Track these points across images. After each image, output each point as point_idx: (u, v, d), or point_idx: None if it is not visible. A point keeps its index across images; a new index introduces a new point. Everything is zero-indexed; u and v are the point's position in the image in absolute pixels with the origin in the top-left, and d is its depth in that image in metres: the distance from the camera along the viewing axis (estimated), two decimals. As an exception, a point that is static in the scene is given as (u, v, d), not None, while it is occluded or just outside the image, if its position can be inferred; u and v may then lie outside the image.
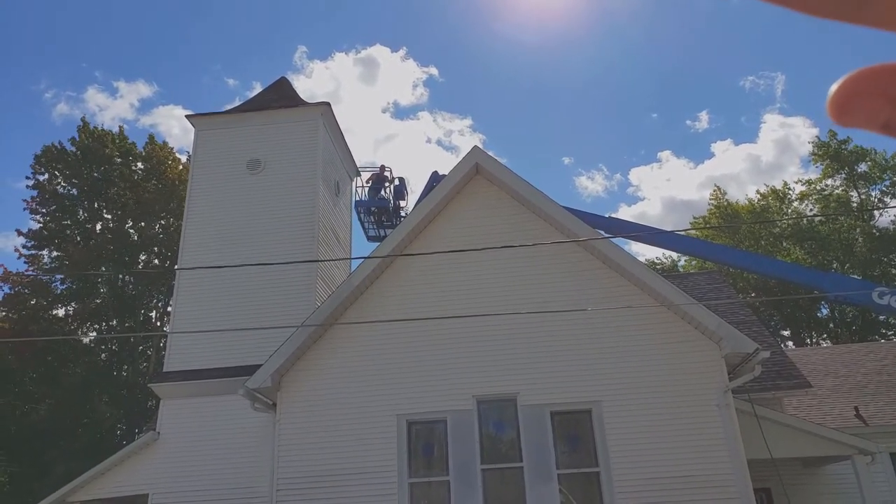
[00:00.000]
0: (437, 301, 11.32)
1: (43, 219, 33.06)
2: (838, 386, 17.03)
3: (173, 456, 13.26)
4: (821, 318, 38.31)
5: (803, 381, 13.82)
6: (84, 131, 34.39)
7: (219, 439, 13.14)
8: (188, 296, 14.78)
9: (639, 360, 10.72)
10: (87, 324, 33.30)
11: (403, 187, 18.46)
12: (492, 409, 10.90)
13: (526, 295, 11.25)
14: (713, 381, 10.48)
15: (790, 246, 36.83)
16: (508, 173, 11.94)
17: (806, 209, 39.19)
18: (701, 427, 10.25)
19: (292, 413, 11.11)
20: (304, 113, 16.62)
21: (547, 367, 10.83)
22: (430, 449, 10.91)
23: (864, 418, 15.06)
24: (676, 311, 10.85)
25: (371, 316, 11.41)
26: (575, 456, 10.65)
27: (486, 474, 10.45)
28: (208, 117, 16.81)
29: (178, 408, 13.67)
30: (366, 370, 11.19)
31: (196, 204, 15.76)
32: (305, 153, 16.00)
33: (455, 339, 11.11)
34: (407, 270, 11.76)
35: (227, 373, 13.26)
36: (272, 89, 18.19)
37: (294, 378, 11.29)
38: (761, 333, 15.54)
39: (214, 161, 16.14)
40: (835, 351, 20.32)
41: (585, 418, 10.63)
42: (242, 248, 14.73)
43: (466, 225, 11.93)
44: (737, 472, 9.91)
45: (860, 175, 37.44)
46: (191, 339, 14.04)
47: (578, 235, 11.26)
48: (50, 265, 32.77)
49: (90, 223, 34.08)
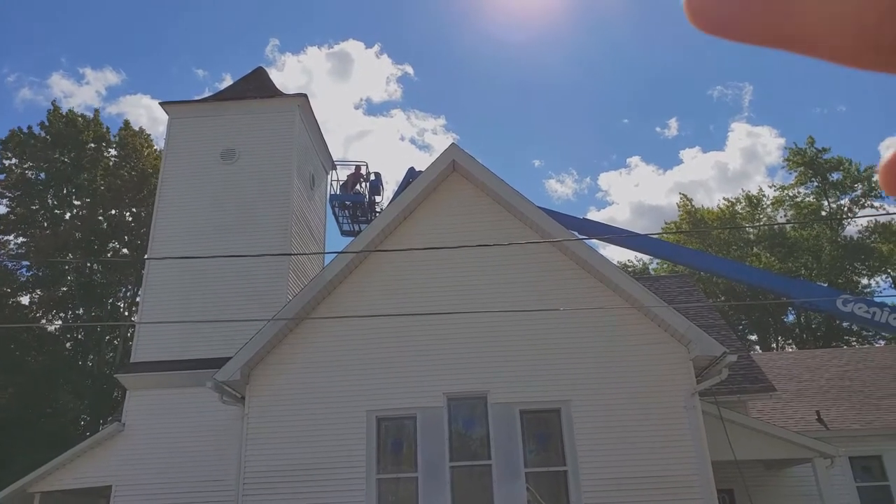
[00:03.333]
0: (410, 298, 11.31)
1: (10, 204, 32.33)
2: (802, 390, 17.36)
3: (138, 448, 13.08)
4: (788, 323, 39.03)
5: (768, 384, 14.06)
6: (55, 115, 33.66)
7: (186, 432, 12.98)
8: (157, 286, 14.57)
9: (608, 361, 10.82)
10: (53, 312, 32.65)
11: (379, 182, 18.38)
12: (462, 407, 10.92)
13: (498, 293, 11.28)
14: (681, 383, 10.62)
15: (760, 252, 37.43)
16: (485, 172, 11.96)
17: (778, 216, 39.82)
18: (668, 428, 10.38)
19: (261, 407, 11.01)
20: (281, 104, 16.47)
21: (517, 366, 10.87)
22: (399, 445, 10.90)
23: (825, 422, 15.38)
24: (647, 313, 10.97)
25: (343, 311, 11.35)
26: (543, 455, 10.72)
27: (454, 471, 10.47)
28: (183, 105, 16.58)
29: (144, 399, 13.48)
30: (336, 365, 11.14)
31: (168, 193, 15.53)
32: (281, 144, 15.85)
33: (427, 336, 11.10)
34: (381, 266, 11.72)
35: (195, 365, 13.09)
36: (249, 79, 17.99)
37: (263, 372, 11.19)
38: (729, 337, 15.78)
39: (187, 150, 15.92)
40: (799, 356, 20.72)
41: (554, 417, 10.70)
42: (214, 238, 14.55)
43: (441, 222, 11.92)
44: (701, 472, 10.06)
45: (833, 184, 38.10)
46: (159, 330, 13.85)
47: (553, 236, 11.32)
48: (16, 251, 32.07)
49: (59, 209, 33.41)
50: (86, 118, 34.49)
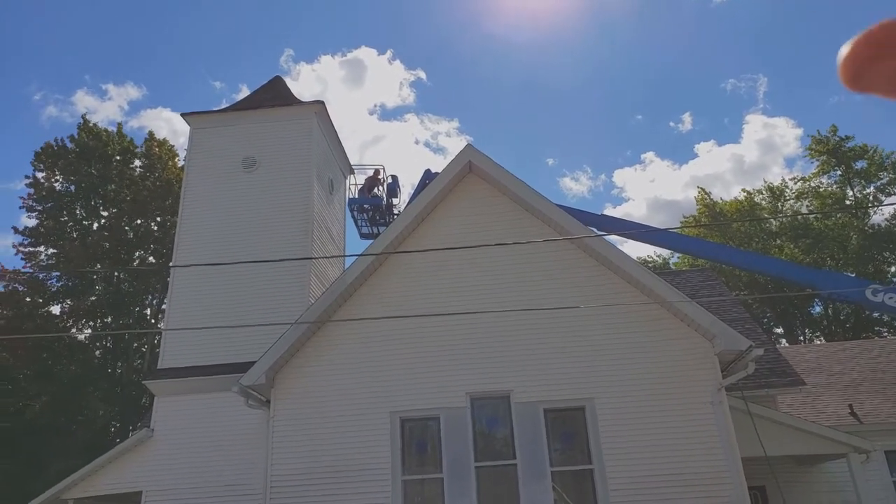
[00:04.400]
0: (431, 298, 11.32)
1: (40, 216, 32.98)
2: (832, 384, 17.07)
3: (167, 453, 13.25)
4: (814, 315, 38.42)
5: (797, 378, 13.84)
6: (84, 129, 34.37)
7: (213, 436, 13.13)
8: (183, 293, 14.76)
9: (632, 358, 10.73)
10: (83, 321, 33.21)
11: (396, 185, 18.43)
12: (485, 407, 10.91)
13: (519, 292, 11.26)
14: (706, 379, 10.50)
15: (783, 243, 36.88)
16: (501, 171, 11.93)
17: (801, 206, 39.20)
18: (694, 424, 10.26)
19: (286, 410, 11.10)
20: (299, 112, 16.61)
21: (540, 364, 10.83)
22: (423, 446, 10.92)
23: (859, 416, 15.09)
24: (669, 308, 10.86)
25: (365, 313, 11.40)
26: (568, 453, 10.66)
27: (479, 471, 10.45)
28: (203, 115, 16.79)
29: (172, 405, 13.66)
30: (359, 367, 11.19)
31: (191, 202, 15.74)
32: (300, 151, 15.98)
33: (448, 336, 11.11)
34: (400, 268, 11.75)
35: (221, 370, 13.24)
36: (266, 88, 18.17)
37: (288, 375, 11.28)
38: (754, 331, 15.57)
39: (209, 159, 16.12)
40: (829, 348, 20.36)
41: (579, 416, 10.64)
42: (237, 245, 14.71)
43: (459, 222, 11.93)
44: (731, 469, 9.93)
45: (857, 172, 37.41)
46: (185, 336, 14.03)
47: (571, 233, 11.26)
48: (46, 262, 32.67)
49: (87, 220, 34.01)
50: (109, 133, 35.12)
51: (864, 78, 0.45)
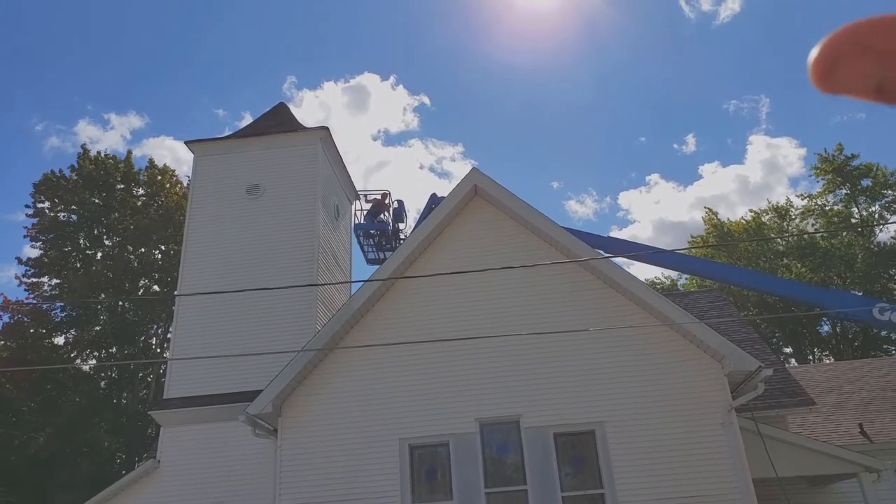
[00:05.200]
0: (438, 323, 11.29)
1: (43, 246, 33.04)
2: (842, 403, 16.93)
3: (174, 483, 13.14)
4: (822, 334, 38.19)
5: (807, 398, 13.74)
6: (85, 158, 34.54)
7: (220, 466, 13.02)
8: (188, 322, 14.73)
9: (641, 380, 10.67)
10: (87, 351, 33.13)
11: (402, 210, 18.48)
12: (495, 432, 10.82)
13: (527, 316, 11.23)
14: (716, 400, 10.42)
15: (790, 262, 36.81)
16: (507, 194, 11.97)
17: (807, 226, 39.18)
18: (705, 446, 10.17)
19: (293, 439, 11.02)
20: (304, 138, 16.71)
21: (549, 388, 10.77)
22: (432, 473, 10.81)
23: (869, 435, 14.95)
24: (678, 329, 10.82)
25: (372, 339, 11.37)
26: (579, 478, 10.56)
27: (489, 497, 10.34)
28: (207, 143, 16.89)
29: (178, 435, 13.57)
30: (367, 394, 11.13)
31: (195, 229, 15.77)
32: (305, 177, 16.04)
33: (457, 361, 11.06)
34: (407, 293, 11.74)
35: (227, 399, 13.18)
36: (270, 115, 18.30)
37: (295, 403, 11.22)
38: (763, 351, 15.48)
39: (213, 186, 16.18)
40: (838, 367, 20.22)
41: (589, 439, 10.55)
42: (242, 273, 14.72)
43: (466, 247, 11.94)
44: (742, 491, 9.82)
45: (862, 190, 37.42)
46: (191, 366, 13.97)
47: (578, 255, 11.27)
48: (50, 293, 32.69)
49: (90, 250, 34.06)
50: (116, 159, 35.33)
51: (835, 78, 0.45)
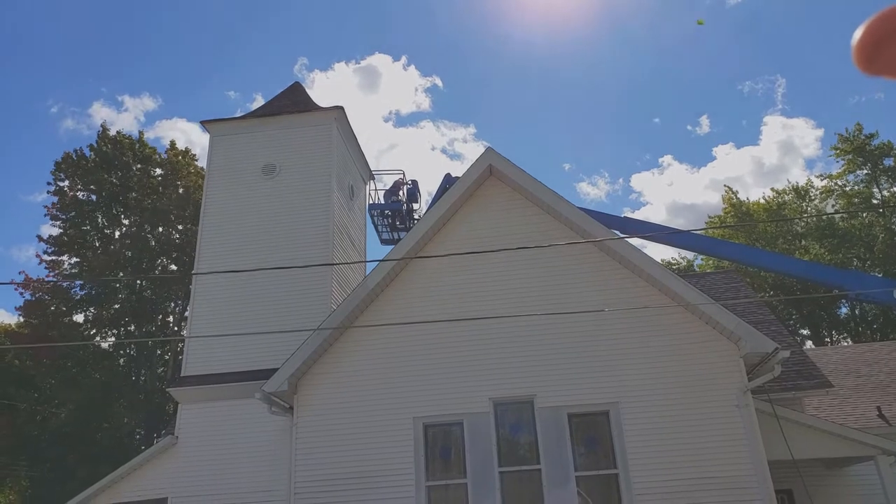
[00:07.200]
0: (453, 303, 11.30)
1: (63, 225, 33.43)
2: (860, 385, 16.79)
3: (192, 460, 13.33)
4: (841, 316, 37.85)
5: (824, 380, 13.63)
6: (104, 138, 34.82)
7: (237, 443, 13.18)
8: (205, 300, 14.85)
9: (656, 361, 10.63)
10: (106, 329, 33.62)
11: (416, 190, 18.44)
12: (509, 412, 10.85)
13: (542, 296, 11.20)
14: (732, 382, 10.37)
15: (809, 243, 36.38)
16: (522, 174, 11.89)
17: (827, 206, 38.64)
18: (720, 427, 10.14)
19: (309, 416, 11.13)
20: (318, 117, 16.67)
21: (564, 368, 10.76)
22: (447, 452, 10.88)
23: (887, 418, 14.82)
24: (694, 311, 10.75)
25: (386, 319, 11.41)
26: (593, 458, 10.58)
27: (503, 477, 10.40)
28: (223, 123, 16.90)
29: (196, 412, 13.74)
30: (382, 373, 11.19)
31: (212, 209, 15.85)
32: (320, 157, 16.03)
33: (471, 341, 11.08)
34: (422, 273, 11.75)
35: (244, 377, 13.31)
36: (285, 95, 18.26)
37: (310, 381, 11.32)
38: (780, 333, 15.35)
39: (229, 166, 16.21)
40: (856, 350, 20.03)
41: (603, 420, 10.56)
42: (258, 252, 14.79)
43: (480, 226, 11.90)
44: (758, 473, 9.80)
45: (884, 170, 36.77)
46: (208, 344, 14.11)
47: (594, 235, 11.19)
48: (69, 271, 33.12)
49: (109, 229, 34.43)
50: (132, 139, 35.56)
51: (879, 61, 0.43)
